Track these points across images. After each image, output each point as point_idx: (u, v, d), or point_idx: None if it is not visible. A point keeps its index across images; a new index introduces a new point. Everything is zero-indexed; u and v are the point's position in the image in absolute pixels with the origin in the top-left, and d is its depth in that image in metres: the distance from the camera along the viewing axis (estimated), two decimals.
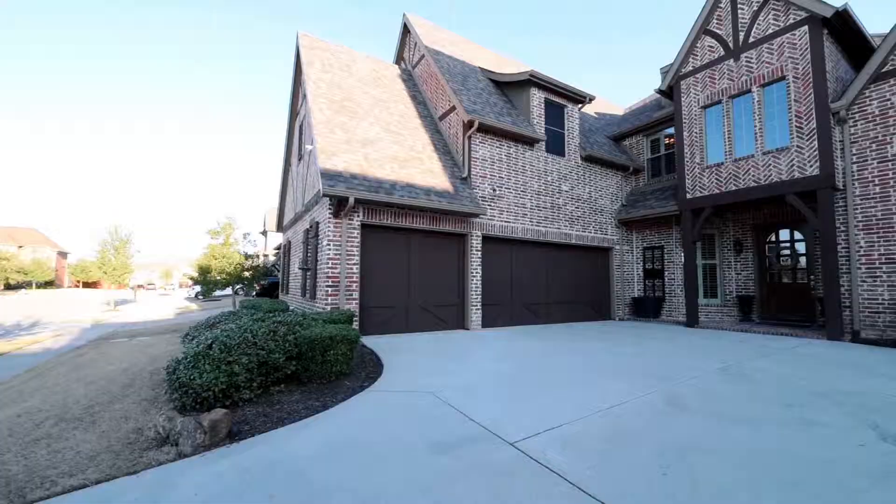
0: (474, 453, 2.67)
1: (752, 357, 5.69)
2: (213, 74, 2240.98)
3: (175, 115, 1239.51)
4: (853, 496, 2.13)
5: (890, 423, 3.13)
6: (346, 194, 6.80)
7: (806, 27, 7.88)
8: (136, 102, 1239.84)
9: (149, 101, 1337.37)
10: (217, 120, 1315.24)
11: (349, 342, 4.48)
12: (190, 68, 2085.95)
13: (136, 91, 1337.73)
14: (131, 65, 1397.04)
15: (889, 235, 7.08)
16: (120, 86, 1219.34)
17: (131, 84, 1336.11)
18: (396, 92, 10.97)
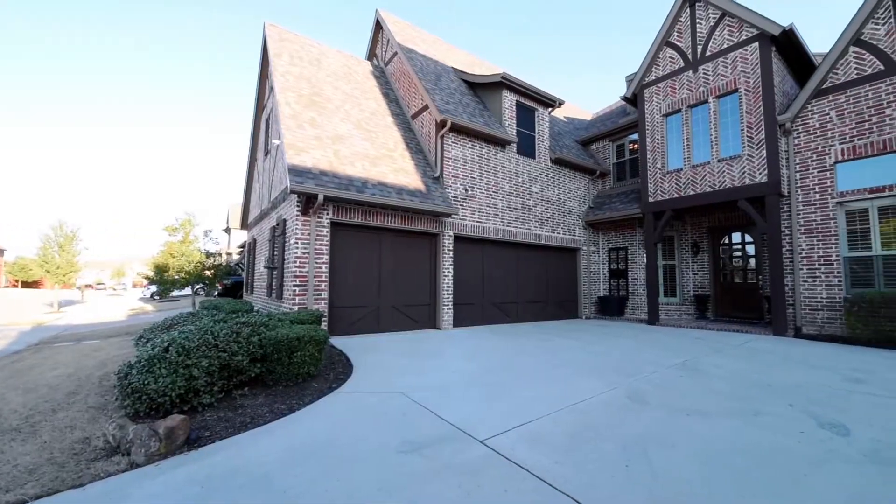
0: (445, 452, 2.67)
1: (708, 353, 6.03)
2: (174, 66, 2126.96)
3: (131, 110, 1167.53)
4: (795, 480, 2.30)
5: (827, 411, 3.41)
6: (315, 191, 6.63)
7: (756, 44, 8.43)
8: (87, 95, 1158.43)
9: (103, 94, 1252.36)
10: (178, 114, 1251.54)
11: (317, 343, 4.37)
12: (150, 59, 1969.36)
13: (87, 83, 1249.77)
14: (85, 55, 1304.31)
15: (827, 239, 7.70)
16: (72, 77, 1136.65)
17: (83, 76, 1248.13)
18: (368, 89, 10.81)
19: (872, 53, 7.35)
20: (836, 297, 7.49)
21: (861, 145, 7.37)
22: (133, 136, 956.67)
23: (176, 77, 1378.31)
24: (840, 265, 7.52)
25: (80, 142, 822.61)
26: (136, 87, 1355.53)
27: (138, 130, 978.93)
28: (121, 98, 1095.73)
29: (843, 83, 7.64)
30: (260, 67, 11.02)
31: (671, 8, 9.89)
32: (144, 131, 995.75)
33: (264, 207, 10.15)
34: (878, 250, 7.17)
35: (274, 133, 9.12)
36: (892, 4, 7.16)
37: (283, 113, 7.76)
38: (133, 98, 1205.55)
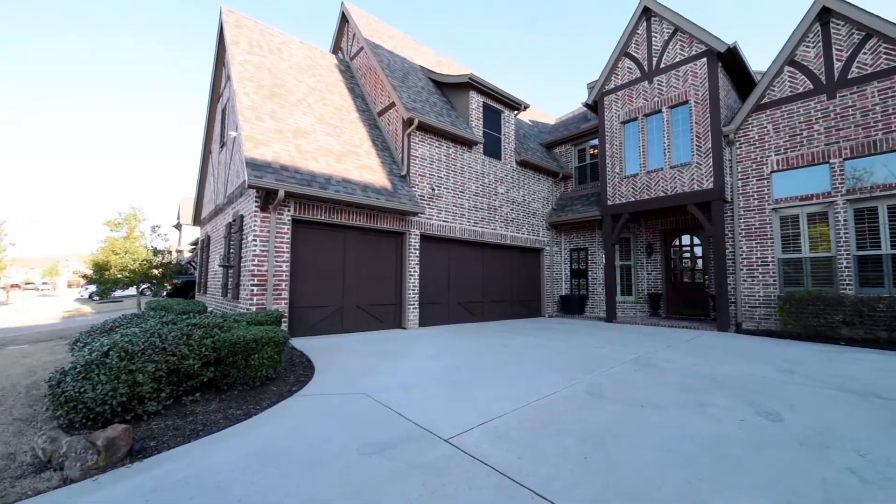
0: (410, 452, 2.64)
1: (660, 348, 6.38)
2: (122, 49, 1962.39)
3: (71, 96, 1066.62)
4: (735, 464, 2.48)
5: (763, 400, 3.70)
6: (275, 186, 6.36)
7: (705, 59, 9.03)
8: (19, 85, 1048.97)
9: (38, 78, 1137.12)
10: (125, 102, 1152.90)
11: (276, 344, 4.19)
12: (94, 40, 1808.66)
13: (22, 66, 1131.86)
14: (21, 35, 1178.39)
15: (764, 242, 8.39)
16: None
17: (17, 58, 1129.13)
18: (333, 83, 10.53)
19: (804, 73, 8.08)
20: (771, 296, 8.17)
21: (793, 157, 8.09)
22: (73, 127, 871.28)
23: (118, 60, 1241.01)
24: (775, 266, 8.21)
25: (13, 133, 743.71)
26: (68, 71, 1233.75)
27: (78, 123, 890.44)
28: (55, 85, 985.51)
29: (779, 99, 8.35)
30: (216, 54, 10.43)
31: (629, 20, 10.39)
32: (86, 123, 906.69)
33: (220, 202, 9.62)
34: (807, 252, 7.90)
35: (231, 124, 8.66)
36: (821, 29, 7.91)
37: (241, 103, 7.39)
38: (68, 84, 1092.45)
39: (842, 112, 7.57)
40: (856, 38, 7.51)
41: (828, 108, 7.73)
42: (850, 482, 2.25)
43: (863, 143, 7.31)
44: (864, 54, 7.42)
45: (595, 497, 2.11)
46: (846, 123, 7.51)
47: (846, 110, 7.52)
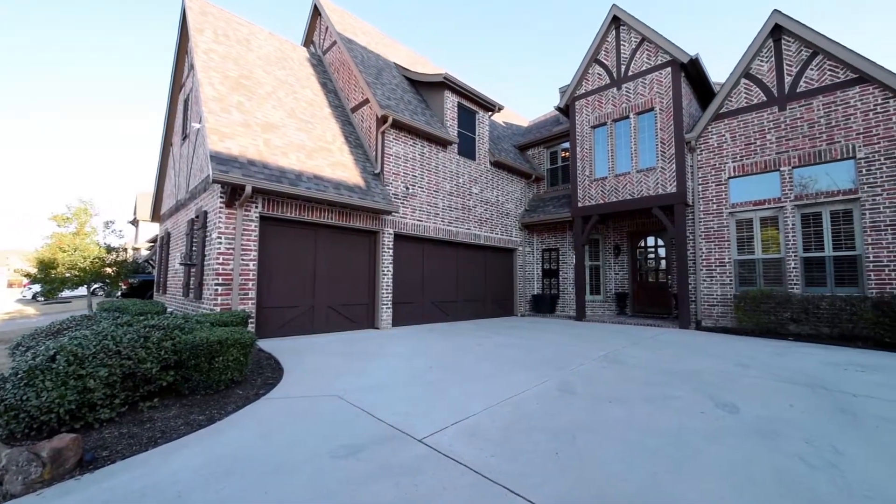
0: (383, 454, 2.60)
1: (626, 345, 6.62)
2: (74, 33, 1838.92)
3: (18, 80, 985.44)
4: (696, 453, 2.60)
5: (721, 393, 3.91)
6: (241, 182, 6.11)
7: (669, 69, 9.45)
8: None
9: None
10: (76, 88, 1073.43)
11: (243, 346, 4.03)
12: (49, 23, 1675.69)
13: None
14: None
15: (722, 244, 8.87)
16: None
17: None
18: (305, 77, 10.25)
19: (758, 86, 8.61)
20: (728, 295, 8.65)
21: (748, 164, 8.61)
22: (22, 115, 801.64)
23: (71, 45, 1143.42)
24: (731, 266, 8.70)
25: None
26: (19, 56, 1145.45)
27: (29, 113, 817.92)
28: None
29: (736, 109, 8.85)
30: (178, 42, 9.91)
31: (600, 28, 10.71)
32: (37, 112, 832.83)
33: (181, 198, 9.15)
34: (759, 254, 8.42)
35: (194, 115, 8.25)
36: (774, 45, 8.45)
37: (205, 94, 7.06)
38: (14, 68, 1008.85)
39: (791, 123, 8.12)
40: (804, 54, 8.07)
41: (779, 119, 8.27)
42: (798, 468, 2.41)
43: (809, 153, 7.87)
44: (811, 70, 7.99)
45: (566, 492, 2.16)
46: (795, 134, 8.06)
47: (795, 122, 8.08)
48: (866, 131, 7.31)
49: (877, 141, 7.20)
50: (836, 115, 7.63)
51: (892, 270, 6.93)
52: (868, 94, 7.34)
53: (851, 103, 7.49)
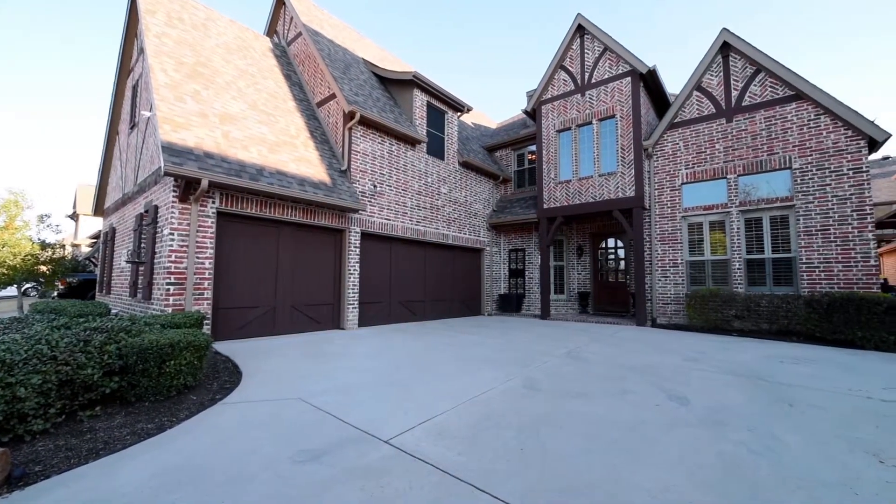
0: (348, 456, 2.54)
1: (588, 342, 6.86)
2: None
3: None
4: (651, 443, 2.73)
5: (674, 386, 4.13)
6: (197, 175, 5.78)
7: (629, 78, 9.90)
8: None
9: None
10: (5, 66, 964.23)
11: (197, 349, 3.81)
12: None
13: None
14: None
15: (675, 246, 9.41)
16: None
17: None
18: (267, 68, 9.85)
19: (708, 98, 9.20)
20: (680, 294, 9.19)
21: (699, 171, 9.18)
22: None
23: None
24: (683, 267, 9.25)
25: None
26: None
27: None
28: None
29: (689, 120, 9.42)
30: (126, 23, 9.21)
31: (565, 36, 11.05)
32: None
33: (129, 191, 8.53)
34: (708, 255, 9.00)
35: (144, 103, 7.72)
36: (723, 61, 9.06)
37: (156, 81, 6.61)
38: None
39: (737, 134, 8.74)
40: (749, 71, 8.72)
41: (726, 130, 8.88)
42: (741, 453, 2.59)
43: (752, 163, 8.51)
44: (754, 86, 8.64)
45: (530, 485, 2.20)
46: (740, 144, 8.69)
47: (740, 133, 8.70)
48: (801, 144, 8.01)
49: (810, 153, 7.90)
50: (776, 128, 8.29)
51: (822, 271, 7.63)
52: (803, 110, 8.04)
53: (789, 118, 8.18)
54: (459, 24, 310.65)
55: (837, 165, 7.62)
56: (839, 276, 7.46)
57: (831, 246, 7.57)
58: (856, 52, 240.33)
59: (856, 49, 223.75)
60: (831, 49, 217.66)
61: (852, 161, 7.50)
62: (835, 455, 2.58)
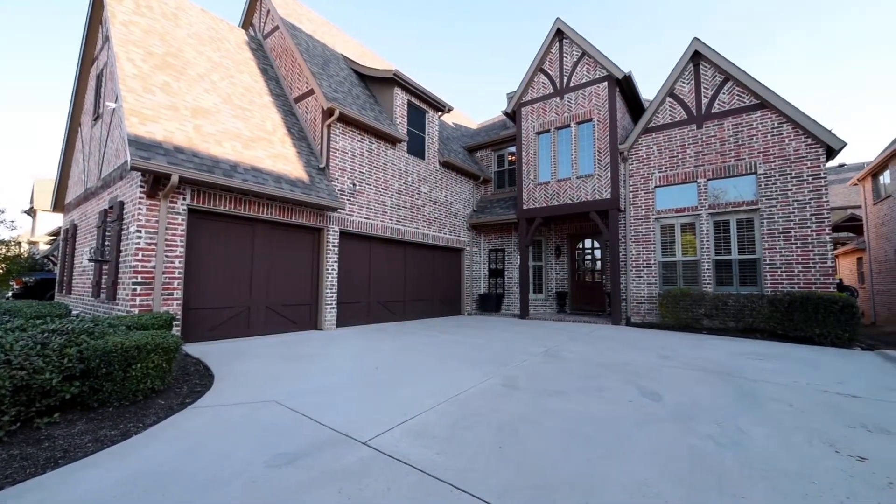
0: (325, 459, 2.49)
1: (565, 341, 6.99)
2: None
3: None
4: (625, 440, 2.80)
5: (647, 383, 4.26)
6: (167, 170, 5.55)
7: (606, 83, 10.14)
8: None
9: None
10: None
11: (166, 351, 3.65)
12: None
13: None
14: None
15: (649, 247, 9.70)
16: None
17: None
18: (243, 61, 9.57)
19: (680, 105, 9.53)
20: (653, 293, 9.48)
21: (671, 175, 9.50)
22: None
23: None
24: (656, 268, 9.55)
25: None
26: None
27: None
28: None
29: (662, 125, 9.73)
30: (90, 9, 8.76)
31: (544, 40, 11.22)
32: None
33: (92, 185, 8.11)
34: (680, 256, 9.33)
35: (109, 94, 7.35)
36: (694, 69, 9.41)
37: (123, 71, 6.31)
38: None
39: (706, 140, 9.10)
40: (718, 79, 9.08)
41: (697, 136, 9.23)
42: (708, 446, 2.69)
43: (720, 167, 8.87)
44: (723, 94, 9.01)
45: (508, 483, 2.22)
46: (709, 150, 9.04)
47: (710, 139, 9.06)
48: (765, 150, 8.40)
49: (773, 159, 8.31)
50: (743, 135, 8.68)
51: (784, 272, 8.03)
52: (767, 118, 8.44)
53: (754, 125, 8.57)
54: (444, 21, 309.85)
55: (798, 171, 8.04)
56: (799, 276, 7.88)
57: (792, 248, 7.98)
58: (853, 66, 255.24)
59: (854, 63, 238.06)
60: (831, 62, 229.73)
61: (812, 168, 7.93)
62: (795, 446, 2.72)
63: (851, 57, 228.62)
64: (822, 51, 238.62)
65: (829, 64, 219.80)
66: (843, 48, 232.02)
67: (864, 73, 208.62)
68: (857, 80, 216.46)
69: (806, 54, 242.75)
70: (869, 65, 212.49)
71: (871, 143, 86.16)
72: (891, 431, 2.99)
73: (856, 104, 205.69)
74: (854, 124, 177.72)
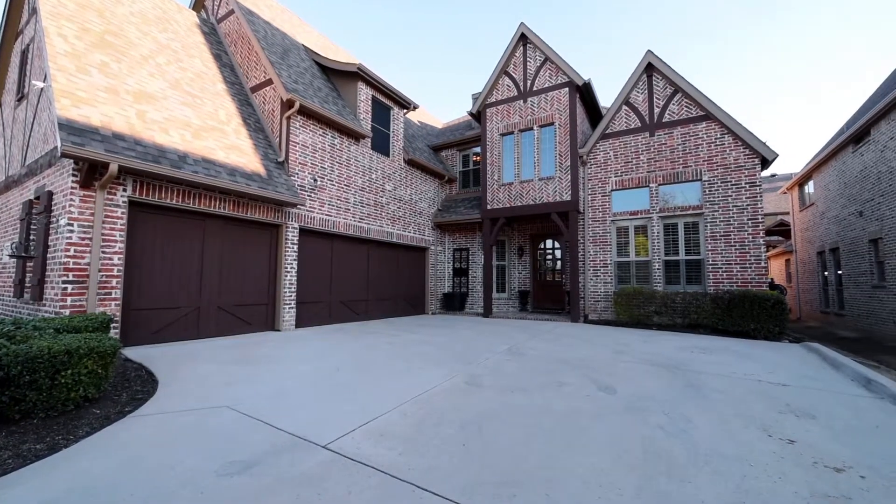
0: (281, 465, 2.37)
1: (527, 338, 7.15)
2: None
3: None
4: (583, 432, 2.90)
5: (603, 378, 4.44)
6: (104, 158, 5.08)
7: (567, 89, 10.49)
8: None
9: None
10: None
11: (101, 356, 3.34)
12: None
13: None
14: None
15: (605, 247, 10.14)
16: None
17: None
18: (193, 45, 8.98)
19: (635, 113, 10.04)
20: (609, 291, 9.93)
21: (626, 179, 9.99)
22: None
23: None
24: (612, 267, 10.00)
25: None
26: None
27: None
28: None
29: (618, 132, 10.20)
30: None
31: (509, 43, 11.42)
32: None
33: (14, 173, 7.27)
34: (633, 257, 9.83)
35: (37, 72, 6.63)
36: (647, 80, 9.94)
37: (53, 47, 5.71)
38: None
39: (658, 147, 9.65)
40: (668, 90, 9.66)
41: (649, 143, 9.77)
42: (658, 436, 2.85)
43: (670, 174, 9.44)
44: (673, 105, 9.59)
45: (472, 479, 2.22)
46: (660, 157, 9.60)
47: (661, 147, 9.62)
48: (709, 159, 9.04)
49: (716, 167, 8.95)
50: (690, 143, 9.29)
51: (724, 271, 8.68)
52: (711, 129, 9.09)
53: (700, 135, 9.20)
54: (409, 19, 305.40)
55: (737, 179, 8.72)
56: (738, 275, 8.55)
57: (731, 249, 8.65)
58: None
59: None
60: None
61: (749, 176, 8.63)
62: (734, 432, 2.93)
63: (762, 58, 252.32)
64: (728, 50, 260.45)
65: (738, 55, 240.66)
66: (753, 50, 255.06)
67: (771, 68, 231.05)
68: (765, 74, 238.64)
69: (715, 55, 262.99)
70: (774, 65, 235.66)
71: (797, 155, 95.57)
72: (815, 416, 3.30)
73: (767, 97, 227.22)
74: (766, 117, 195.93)
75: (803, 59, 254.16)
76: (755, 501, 2.04)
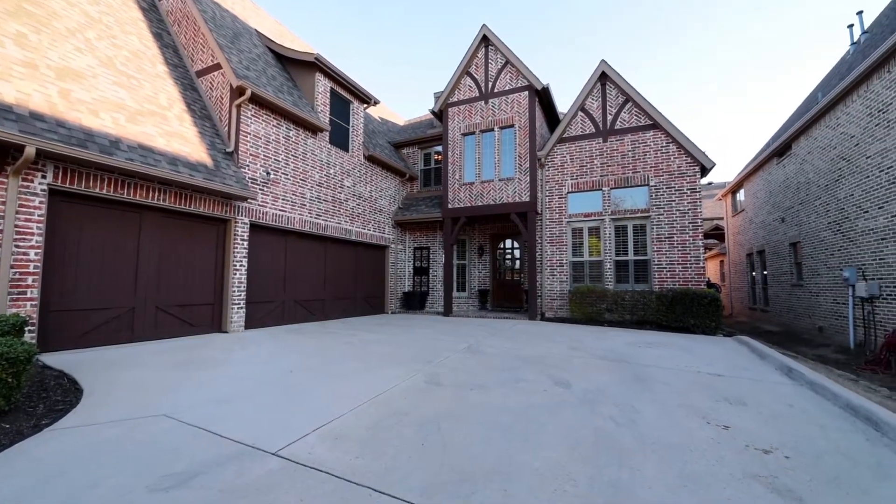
0: (226, 476, 2.20)
1: (487, 336, 7.23)
2: None
3: None
4: (540, 426, 2.95)
5: (558, 373, 4.57)
6: (17, 140, 4.50)
7: (527, 92, 10.74)
8: None
9: None
10: None
11: (12, 363, 2.94)
12: None
13: None
14: None
15: (561, 247, 10.50)
16: None
17: None
18: (130, 20, 8.21)
19: (590, 119, 10.48)
20: (565, 290, 10.29)
21: (581, 182, 10.40)
22: None
23: None
24: (567, 266, 10.37)
25: None
26: None
27: None
28: None
29: (574, 136, 10.60)
30: None
31: (471, 44, 11.50)
32: None
33: None
34: (587, 256, 10.25)
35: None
36: (601, 88, 10.41)
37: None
38: None
39: (610, 153, 10.13)
40: (620, 99, 10.17)
41: (603, 148, 10.23)
42: (609, 427, 2.96)
43: (621, 178, 9.95)
44: (624, 113, 10.11)
45: (430, 478, 2.18)
46: (612, 162, 10.08)
47: (613, 152, 10.11)
48: (656, 166, 9.63)
49: (662, 174, 9.55)
50: (639, 150, 9.84)
51: (668, 271, 9.28)
52: (658, 137, 9.68)
53: (648, 143, 9.77)
54: (371, 14, 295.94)
55: (680, 185, 9.36)
56: (679, 275, 9.17)
57: (674, 251, 9.27)
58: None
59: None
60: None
61: (690, 183, 9.29)
62: (677, 421, 3.12)
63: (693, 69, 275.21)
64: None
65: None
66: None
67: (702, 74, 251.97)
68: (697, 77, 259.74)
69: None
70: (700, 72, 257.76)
71: (731, 164, 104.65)
72: (746, 403, 3.59)
73: (707, 98, 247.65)
74: (701, 120, 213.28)
75: (728, 59, 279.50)
76: (696, 484, 2.17)
